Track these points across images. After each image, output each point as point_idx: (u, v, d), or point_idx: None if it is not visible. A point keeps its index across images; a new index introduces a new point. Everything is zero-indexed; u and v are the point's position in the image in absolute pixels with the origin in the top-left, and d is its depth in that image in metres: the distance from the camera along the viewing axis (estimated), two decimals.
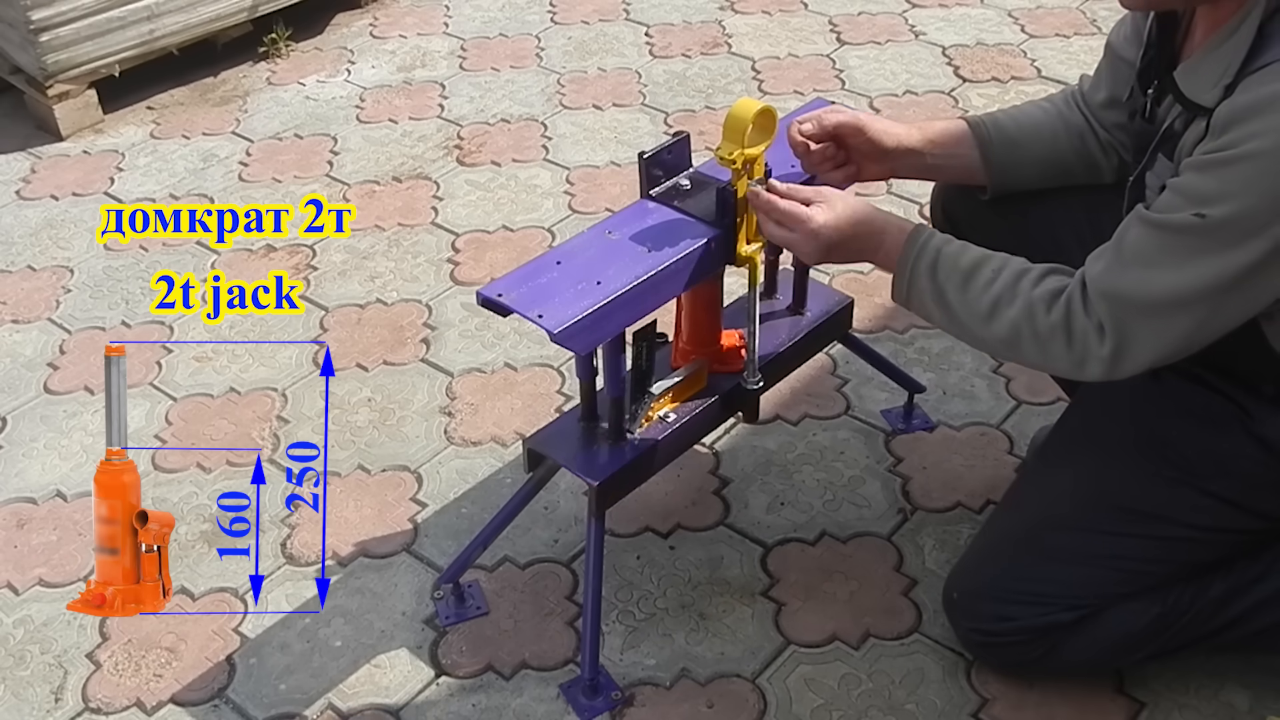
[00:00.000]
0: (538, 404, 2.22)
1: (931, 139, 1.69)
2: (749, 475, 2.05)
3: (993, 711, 1.67)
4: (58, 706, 1.75)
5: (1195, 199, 1.30)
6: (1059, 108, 1.72)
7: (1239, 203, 1.26)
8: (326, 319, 2.47)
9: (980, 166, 1.70)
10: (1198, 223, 1.29)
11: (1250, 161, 1.25)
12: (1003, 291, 1.44)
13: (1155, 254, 1.34)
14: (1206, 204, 1.28)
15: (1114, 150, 1.69)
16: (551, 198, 2.80)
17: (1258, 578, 1.56)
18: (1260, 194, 1.25)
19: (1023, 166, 1.71)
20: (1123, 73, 1.61)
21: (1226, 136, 1.27)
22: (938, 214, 1.90)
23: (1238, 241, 1.28)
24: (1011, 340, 1.45)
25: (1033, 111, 1.73)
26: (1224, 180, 1.27)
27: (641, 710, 1.69)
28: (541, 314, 1.43)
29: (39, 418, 2.26)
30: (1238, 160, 1.26)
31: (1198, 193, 1.30)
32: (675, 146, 1.63)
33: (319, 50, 3.52)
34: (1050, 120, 1.71)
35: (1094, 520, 1.56)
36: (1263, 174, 1.25)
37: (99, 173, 3.00)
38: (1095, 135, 1.69)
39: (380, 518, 2.01)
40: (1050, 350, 1.42)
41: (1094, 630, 1.57)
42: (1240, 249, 1.28)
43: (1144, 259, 1.35)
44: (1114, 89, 1.65)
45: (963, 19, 3.48)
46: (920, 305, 1.53)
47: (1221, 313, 1.33)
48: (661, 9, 3.62)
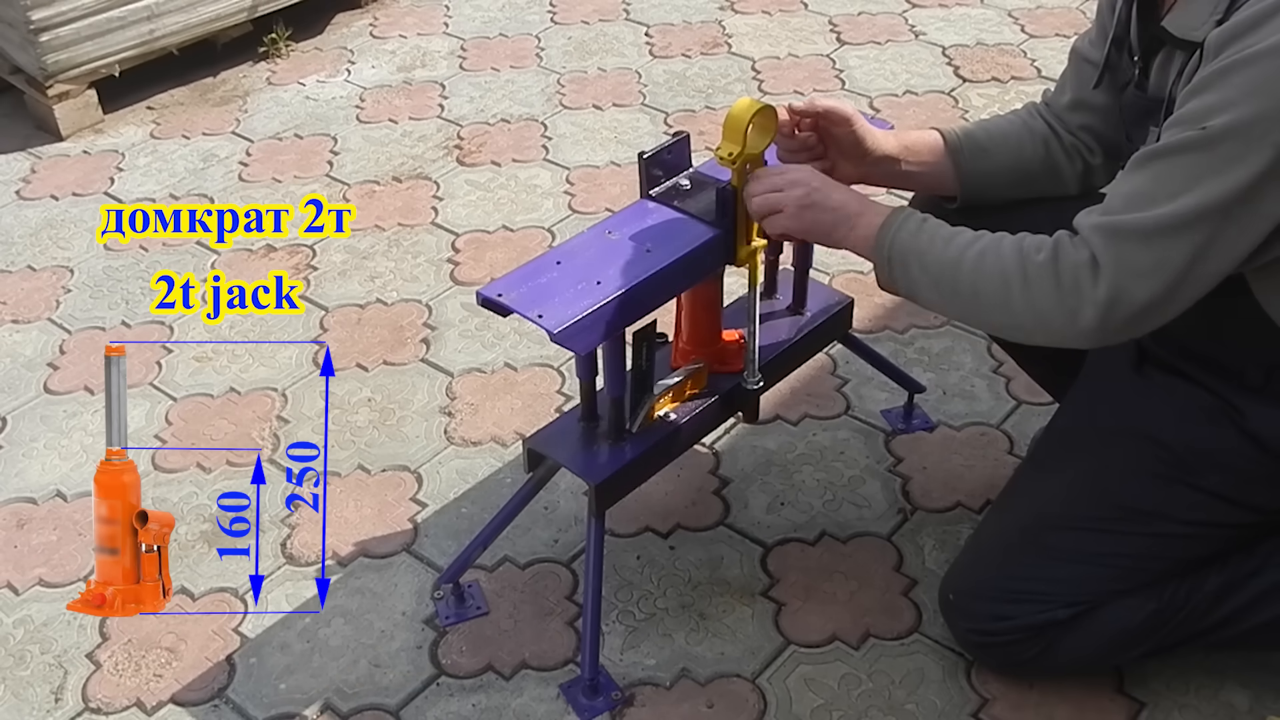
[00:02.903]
0: (538, 404, 2.22)
1: (907, 146, 1.69)
2: (749, 475, 2.05)
3: (993, 711, 1.67)
4: (58, 706, 1.75)
5: (1193, 118, 1.26)
6: (1023, 117, 1.72)
7: (1241, 109, 1.22)
8: (326, 319, 2.47)
9: (951, 175, 1.70)
10: (1198, 135, 1.25)
11: (1252, 65, 1.22)
12: (987, 245, 1.41)
13: (1151, 187, 1.30)
14: (1206, 117, 1.25)
15: (1078, 154, 1.69)
16: (551, 198, 2.80)
17: (1253, 572, 1.57)
18: (1264, 97, 1.22)
19: (991, 175, 1.70)
20: (1087, 74, 1.62)
21: (1222, 55, 1.25)
22: None
23: (1239, 154, 1.23)
24: (1001, 294, 1.38)
25: (999, 122, 1.74)
26: (1223, 90, 1.24)
27: (641, 710, 1.69)
28: (541, 314, 1.43)
29: (39, 418, 2.26)
30: (1237, 67, 1.23)
31: (1195, 111, 1.26)
32: (675, 146, 1.63)
33: (319, 50, 3.52)
34: (1016, 129, 1.71)
35: (1088, 519, 1.57)
36: (1265, 79, 1.21)
37: (99, 173, 3.00)
38: (1059, 140, 1.69)
39: (380, 518, 2.01)
40: (1039, 299, 1.36)
41: (1090, 627, 1.57)
42: (1242, 163, 1.24)
43: (1140, 196, 1.31)
44: (1079, 90, 1.65)
45: (963, 19, 3.48)
46: (903, 271, 1.47)
47: (1220, 242, 1.28)
48: (661, 9, 3.62)
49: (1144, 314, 1.33)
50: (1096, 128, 1.67)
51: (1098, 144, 1.68)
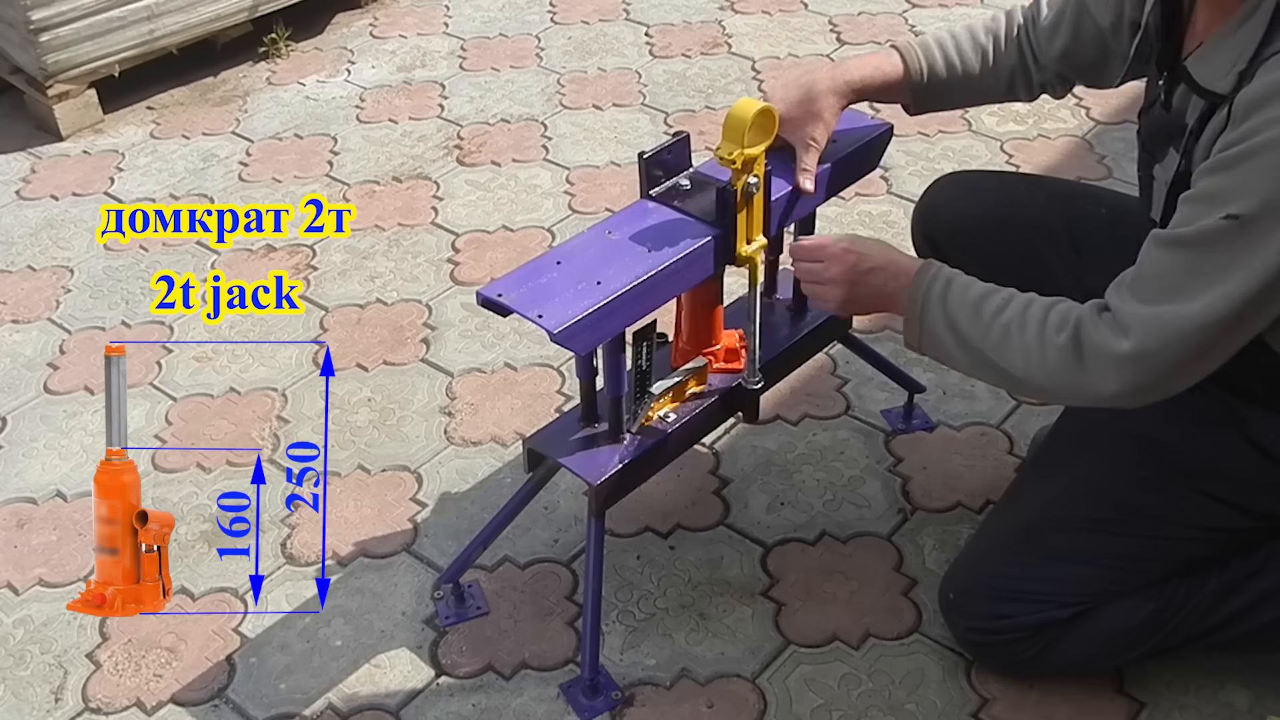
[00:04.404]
0: (538, 404, 2.22)
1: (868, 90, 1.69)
2: (749, 475, 2.05)
3: (993, 711, 1.67)
4: (58, 706, 1.75)
5: (1221, 200, 1.25)
6: (996, 51, 1.71)
7: (1268, 191, 1.21)
8: (326, 319, 2.47)
9: (906, 99, 1.75)
10: (1231, 225, 1.24)
11: (1275, 149, 1.21)
12: (1012, 318, 1.41)
13: (1185, 278, 1.29)
14: (1233, 201, 1.23)
15: (1040, 88, 1.73)
16: (551, 198, 2.80)
17: (1254, 573, 1.57)
18: None
19: (945, 102, 1.77)
20: (1088, 31, 1.63)
21: (1247, 124, 1.23)
22: (918, 237, 1.93)
23: (1271, 237, 1.22)
24: (1023, 370, 1.41)
25: (970, 56, 1.72)
26: (1248, 172, 1.23)
27: (641, 710, 1.69)
28: (541, 314, 1.43)
29: (39, 418, 2.26)
30: (1261, 149, 1.22)
31: (1222, 192, 1.25)
32: (675, 146, 1.63)
33: (319, 50, 3.52)
34: (983, 68, 1.72)
35: (1088, 519, 1.57)
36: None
37: (99, 173, 3.00)
38: (1027, 75, 1.70)
39: (380, 518, 2.01)
40: (1060, 377, 1.38)
41: (1090, 627, 1.57)
42: (1274, 245, 1.23)
43: (1173, 287, 1.29)
44: (1071, 41, 1.65)
45: (963, 19, 3.48)
46: (932, 338, 1.49)
47: (1256, 319, 1.29)
48: (661, 9, 3.62)
49: (1172, 387, 1.35)
50: (1070, 77, 1.69)
51: (1063, 86, 1.72)
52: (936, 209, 1.89)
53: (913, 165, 2.82)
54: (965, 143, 2.89)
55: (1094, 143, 2.87)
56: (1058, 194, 1.87)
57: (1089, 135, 2.90)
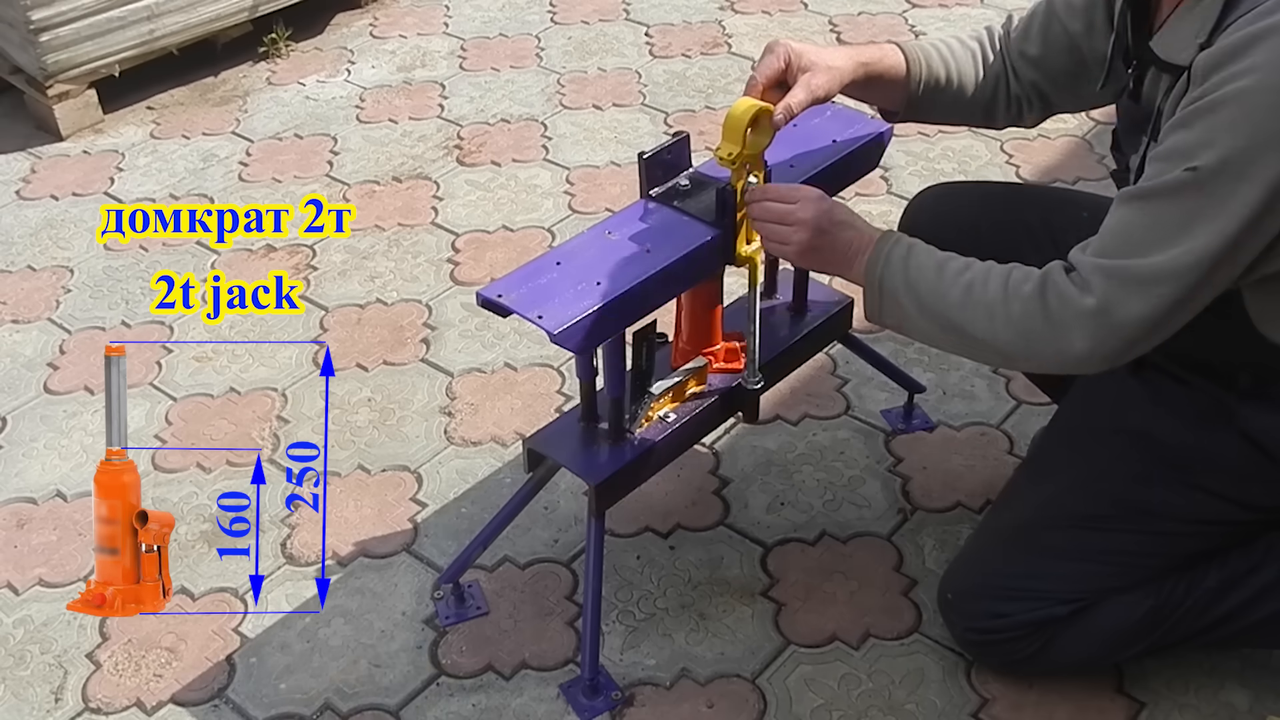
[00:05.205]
0: (538, 404, 2.22)
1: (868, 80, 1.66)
2: (749, 475, 2.05)
3: (993, 711, 1.67)
4: (58, 706, 1.75)
5: (1181, 154, 1.27)
6: (985, 57, 1.71)
7: (1227, 145, 1.23)
8: (326, 319, 2.47)
9: (899, 103, 1.71)
10: (1190, 177, 1.26)
11: (1234, 103, 1.23)
12: (975, 277, 1.42)
13: (1146, 232, 1.30)
14: (1194, 155, 1.25)
15: (1017, 103, 1.71)
16: (551, 198, 2.80)
17: (1252, 568, 1.57)
18: (1248, 134, 1.23)
19: (933, 111, 1.73)
20: (1056, 36, 1.63)
21: (1207, 83, 1.25)
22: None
23: (1230, 191, 1.24)
24: (987, 328, 1.40)
25: (964, 59, 1.71)
26: (1208, 127, 1.25)
27: (641, 710, 1.69)
28: (541, 315, 1.43)
29: (39, 418, 2.26)
30: (1220, 104, 1.24)
31: (1183, 147, 1.27)
32: (675, 146, 1.63)
33: (319, 50, 3.52)
34: (975, 70, 1.71)
35: (1085, 516, 1.57)
36: (1248, 113, 1.22)
37: (99, 173, 3.00)
38: (1008, 86, 1.70)
39: (380, 518, 2.01)
40: (1026, 331, 1.37)
41: (1089, 624, 1.58)
42: (1234, 199, 1.24)
43: (1135, 241, 1.31)
44: (1043, 49, 1.65)
45: (963, 19, 3.48)
46: (893, 302, 1.48)
47: (1217, 275, 1.30)
48: (661, 9, 3.62)
49: (1137, 344, 1.35)
50: (1044, 88, 1.68)
51: (1039, 101, 1.70)
52: (920, 220, 1.89)
53: (913, 165, 2.82)
54: (965, 143, 2.89)
55: (1094, 143, 2.87)
56: (1038, 200, 1.87)
57: (1089, 135, 2.90)
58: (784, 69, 1.56)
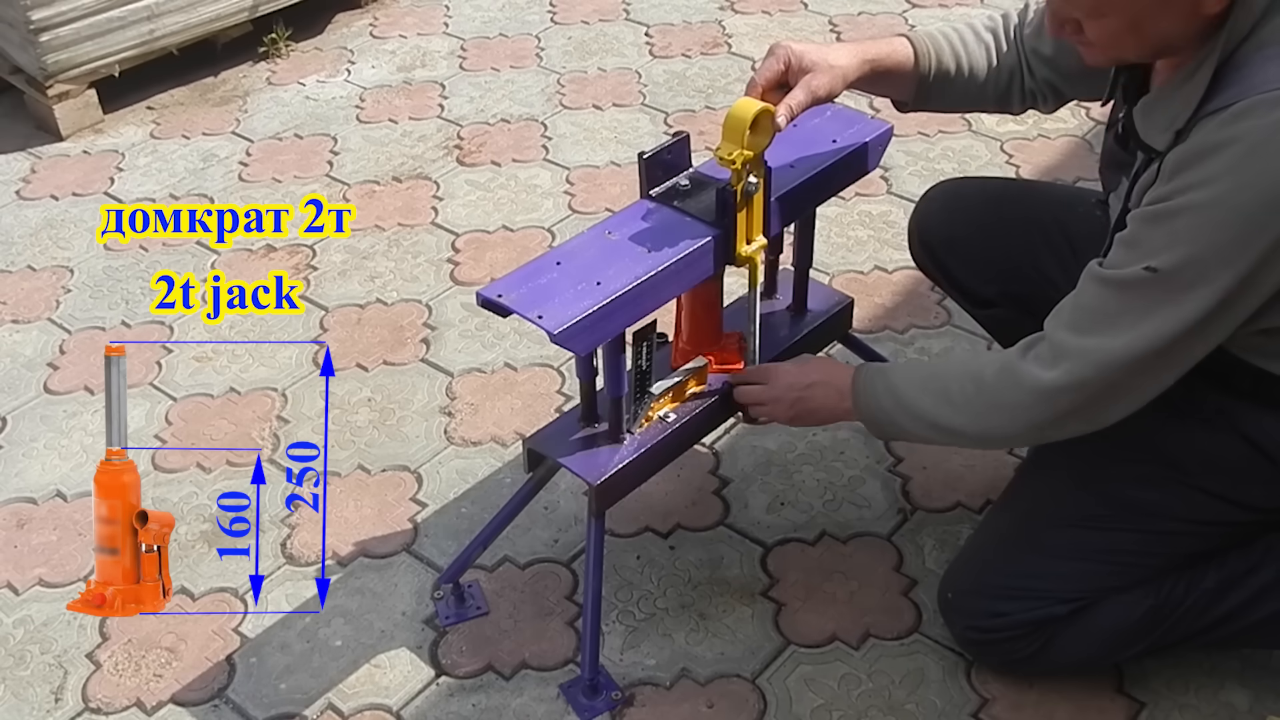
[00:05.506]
0: (538, 404, 2.22)
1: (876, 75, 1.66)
2: (749, 475, 2.05)
3: (993, 711, 1.67)
4: (58, 706, 1.75)
5: (1142, 251, 1.33)
6: (999, 50, 1.70)
7: (1184, 252, 1.29)
8: (326, 319, 2.47)
9: (910, 94, 1.71)
10: (1149, 277, 1.32)
11: (1193, 212, 1.28)
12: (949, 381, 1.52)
13: (1111, 317, 1.37)
14: (1154, 256, 1.31)
15: (1032, 95, 1.71)
16: (551, 198, 2.80)
17: (1252, 568, 1.57)
18: (1204, 244, 1.28)
19: (945, 100, 1.73)
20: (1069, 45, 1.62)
21: (1172, 183, 1.30)
22: (915, 247, 1.93)
23: (1189, 289, 1.31)
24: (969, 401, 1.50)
25: (976, 50, 1.71)
26: (1169, 232, 1.31)
27: (641, 710, 1.69)
28: (541, 315, 1.43)
29: (39, 418, 2.26)
30: (1180, 211, 1.29)
31: (1143, 243, 1.33)
32: (675, 146, 1.63)
33: (319, 50, 3.52)
34: (988, 64, 1.70)
35: (1085, 516, 1.58)
36: (1204, 224, 1.28)
37: (99, 173, 3.00)
38: (1023, 80, 1.70)
39: (380, 518, 2.01)
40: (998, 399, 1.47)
41: (1089, 624, 1.58)
42: (1191, 299, 1.31)
43: (1102, 322, 1.37)
44: (1056, 50, 1.65)
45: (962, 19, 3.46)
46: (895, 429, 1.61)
47: (1178, 356, 1.36)
48: (661, 9, 3.62)
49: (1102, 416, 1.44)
50: (1058, 84, 1.68)
51: (1053, 94, 1.70)
52: (931, 218, 1.90)
53: (913, 165, 2.82)
54: (965, 143, 2.89)
55: (1094, 143, 2.87)
56: (1051, 197, 1.87)
57: (1089, 135, 2.90)
58: (784, 71, 1.56)
